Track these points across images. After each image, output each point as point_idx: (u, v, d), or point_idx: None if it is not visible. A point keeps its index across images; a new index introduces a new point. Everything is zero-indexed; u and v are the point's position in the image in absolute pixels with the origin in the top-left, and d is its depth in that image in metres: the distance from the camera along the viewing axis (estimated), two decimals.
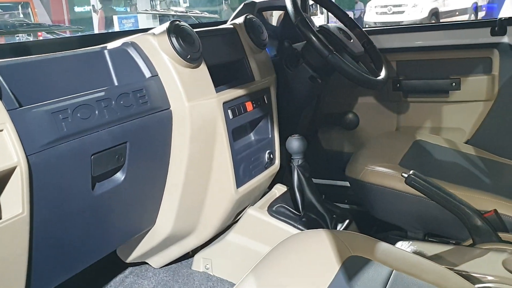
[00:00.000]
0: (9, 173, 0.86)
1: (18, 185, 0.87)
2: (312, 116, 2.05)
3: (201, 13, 2.32)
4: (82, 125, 1.00)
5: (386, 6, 12.64)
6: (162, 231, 1.37)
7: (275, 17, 2.20)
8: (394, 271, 1.03)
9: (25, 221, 0.91)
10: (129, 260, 1.49)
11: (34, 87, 0.97)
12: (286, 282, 0.95)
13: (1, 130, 0.85)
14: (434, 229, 1.58)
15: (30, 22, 1.63)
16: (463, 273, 1.16)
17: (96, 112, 1.04)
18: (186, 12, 2.34)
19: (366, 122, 2.14)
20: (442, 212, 1.44)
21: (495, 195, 1.48)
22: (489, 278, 1.13)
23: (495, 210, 1.43)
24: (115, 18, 9.49)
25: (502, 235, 1.40)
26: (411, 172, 1.43)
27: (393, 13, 12.34)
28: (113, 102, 1.08)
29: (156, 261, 1.53)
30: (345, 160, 1.81)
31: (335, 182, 2.24)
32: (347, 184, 2.22)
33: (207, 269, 1.55)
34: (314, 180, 1.63)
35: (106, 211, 1.15)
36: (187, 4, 10.59)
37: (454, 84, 1.94)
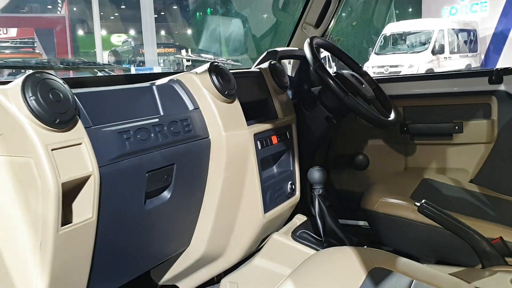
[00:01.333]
0: (84, 180, 1.00)
1: (90, 192, 1.01)
2: (325, 156, 2.20)
3: (226, 60, 2.54)
4: (141, 145, 1.15)
5: (383, 66, 13.17)
6: (196, 252, 1.48)
7: (289, 67, 2.40)
8: (414, 280, 1.15)
9: (93, 225, 1.04)
10: (162, 281, 1.59)
11: (102, 111, 1.13)
12: None
13: (80, 144, 1.00)
14: (445, 257, 1.69)
15: (87, 61, 1.82)
16: (476, 287, 1.27)
17: (152, 135, 1.19)
18: (215, 59, 2.56)
19: (376, 163, 2.29)
20: (452, 240, 1.56)
21: (500, 224, 1.61)
22: None
23: (501, 237, 1.55)
24: (132, 69, 10.20)
25: (509, 259, 1.52)
26: (423, 201, 1.56)
27: (390, 73, 12.83)
28: (165, 128, 1.24)
29: (185, 284, 1.63)
30: (356, 200, 1.95)
31: (346, 221, 2.35)
32: (358, 223, 2.34)
33: None
34: None
35: (153, 226, 1.27)
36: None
37: (457, 127, 2.11)
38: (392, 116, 1.89)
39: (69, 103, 0.99)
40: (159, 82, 1.41)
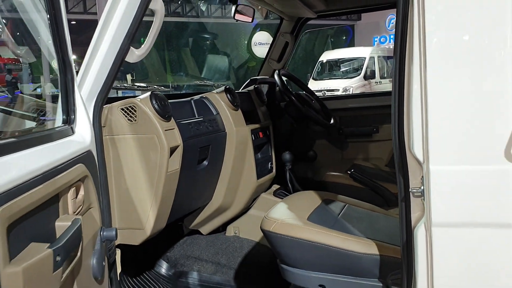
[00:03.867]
0: (176, 147, 1.89)
1: (178, 154, 1.90)
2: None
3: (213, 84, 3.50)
4: (196, 132, 2.06)
5: (320, 90, 14.45)
6: (215, 204, 2.38)
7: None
8: (347, 204, 2.12)
9: (177, 173, 1.92)
10: (191, 226, 2.46)
11: (177, 112, 2.02)
12: (290, 209, 1.96)
13: (173, 128, 1.89)
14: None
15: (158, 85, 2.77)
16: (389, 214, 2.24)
17: (201, 126, 2.10)
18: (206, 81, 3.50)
19: (321, 157, 3.27)
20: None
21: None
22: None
23: None
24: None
25: None
26: (352, 170, 2.55)
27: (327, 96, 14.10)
28: (206, 123, 2.15)
29: (205, 229, 2.51)
30: (307, 181, 2.88)
31: None
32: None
33: (235, 233, 2.54)
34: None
35: (197, 182, 2.17)
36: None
37: (375, 129, 3.14)
38: (332, 120, 2.89)
39: (169, 107, 1.88)
40: (195, 97, 2.32)
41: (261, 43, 15.48)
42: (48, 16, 1.41)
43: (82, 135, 1.53)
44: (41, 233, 1.09)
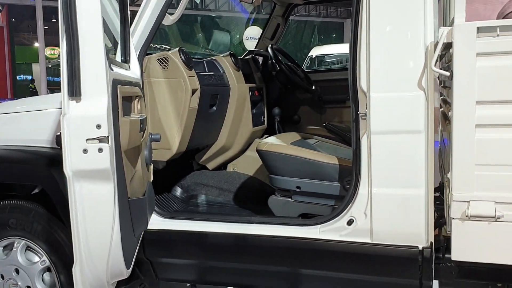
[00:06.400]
0: (196, 90, 2.58)
1: (197, 95, 2.59)
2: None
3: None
4: (209, 82, 2.75)
5: None
6: (220, 143, 3.07)
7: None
8: (320, 141, 2.83)
9: (196, 110, 2.61)
10: (200, 161, 3.15)
11: (195, 66, 2.70)
12: (278, 138, 2.67)
13: (194, 76, 2.58)
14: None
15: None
16: None
17: (212, 79, 2.79)
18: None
19: (304, 119, 3.97)
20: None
21: None
22: None
23: None
24: None
25: None
26: (327, 123, 3.27)
27: None
28: (215, 77, 2.84)
29: (211, 165, 3.20)
30: None
31: None
32: None
33: (234, 169, 3.25)
34: None
35: (210, 122, 2.86)
36: None
37: (348, 97, 3.84)
38: (313, 87, 3.61)
39: (191, 60, 2.57)
40: (207, 59, 3.01)
41: (253, 38, 16.16)
42: None
43: (135, 71, 2.22)
44: (127, 114, 1.78)
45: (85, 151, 1.55)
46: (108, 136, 1.55)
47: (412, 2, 1.99)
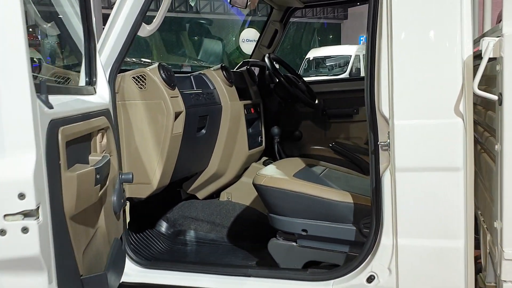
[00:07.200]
0: (180, 113, 2.16)
1: (182, 119, 2.18)
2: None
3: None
4: (196, 102, 2.33)
5: None
6: (211, 170, 2.65)
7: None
8: (327, 168, 2.41)
9: (180, 136, 2.19)
10: (189, 191, 2.73)
11: (179, 84, 2.29)
12: (278, 168, 2.25)
13: (178, 96, 2.17)
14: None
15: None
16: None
17: (200, 98, 2.38)
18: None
19: (306, 136, 3.56)
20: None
21: None
22: None
23: None
24: None
25: None
26: (334, 143, 2.85)
27: None
28: (204, 96, 2.43)
29: (201, 194, 2.78)
30: (293, 157, 3.17)
31: None
32: None
33: (228, 198, 2.83)
34: None
35: (198, 147, 2.44)
36: None
37: (355, 111, 3.44)
38: (317, 101, 3.19)
39: (174, 77, 2.16)
40: (194, 74, 2.59)
41: (249, 40, 15.78)
42: None
43: (102, 95, 1.81)
44: (80, 161, 1.36)
45: (2, 232, 1.10)
46: (37, 208, 1.09)
47: (446, 6, 1.58)
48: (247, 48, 15.51)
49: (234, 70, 3.03)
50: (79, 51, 1.82)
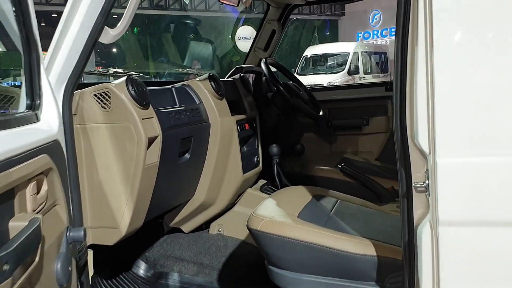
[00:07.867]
0: (155, 138, 1.72)
1: (158, 146, 1.74)
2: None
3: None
4: (177, 122, 1.89)
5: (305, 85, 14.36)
6: (198, 200, 2.21)
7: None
8: (339, 200, 1.98)
9: (156, 167, 1.75)
10: (172, 224, 2.29)
11: (155, 100, 1.85)
12: (278, 206, 1.79)
13: (152, 117, 1.72)
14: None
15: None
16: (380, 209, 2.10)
17: (182, 116, 1.93)
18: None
19: (309, 150, 3.13)
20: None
21: (392, 180, 2.48)
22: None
23: (392, 187, 2.43)
24: None
25: (397, 199, 2.39)
26: (343, 164, 2.41)
27: None
28: (188, 113, 1.98)
29: (187, 227, 2.34)
30: (295, 176, 2.70)
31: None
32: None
33: (219, 231, 2.38)
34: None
35: (180, 176, 2.00)
36: None
37: (364, 122, 3.01)
38: (321, 112, 2.75)
39: (147, 93, 1.71)
40: (176, 85, 2.14)
41: (245, 37, 15.35)
42: None
43: (49, 122, 1.36)
44: None
45: None
46: None
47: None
48: (244, 46, 15.04)
49: (225, 79, 2.58)
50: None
